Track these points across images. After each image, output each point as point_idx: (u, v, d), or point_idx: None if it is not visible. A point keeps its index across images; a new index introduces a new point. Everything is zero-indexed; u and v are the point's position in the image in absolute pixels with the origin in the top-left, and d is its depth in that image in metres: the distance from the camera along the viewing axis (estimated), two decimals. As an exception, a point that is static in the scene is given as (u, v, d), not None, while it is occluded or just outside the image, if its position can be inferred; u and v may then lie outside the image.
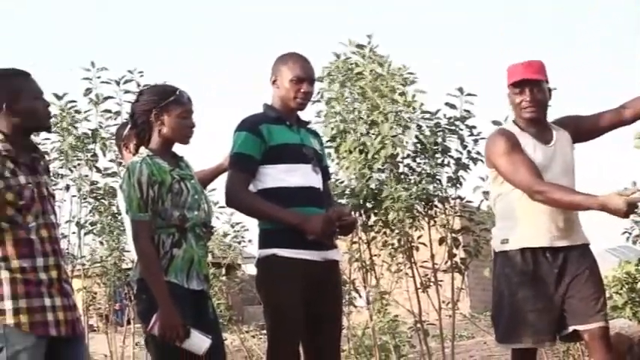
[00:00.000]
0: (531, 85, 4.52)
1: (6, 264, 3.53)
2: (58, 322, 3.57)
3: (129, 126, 4.40)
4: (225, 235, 9.29)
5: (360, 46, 6.90)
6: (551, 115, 4.74)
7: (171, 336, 3.83)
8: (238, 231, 9.33)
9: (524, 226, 4.50)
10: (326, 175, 4.63)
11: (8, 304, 3.49)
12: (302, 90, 4.43)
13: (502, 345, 4.68)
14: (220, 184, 4.66)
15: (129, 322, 8.84)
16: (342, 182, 6.89)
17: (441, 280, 6.98)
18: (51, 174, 4.18)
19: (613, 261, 13.43)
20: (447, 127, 6.80)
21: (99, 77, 7.74)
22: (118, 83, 7.70)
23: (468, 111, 6.78)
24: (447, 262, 6.86)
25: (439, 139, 6.79)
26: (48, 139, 7.74)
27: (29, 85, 3.69)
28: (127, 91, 7.66)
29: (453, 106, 6.78)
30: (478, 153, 6.78)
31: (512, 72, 4.57)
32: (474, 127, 6.79)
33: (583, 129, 4.69)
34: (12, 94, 3.62)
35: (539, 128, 4.59)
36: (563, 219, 4.49)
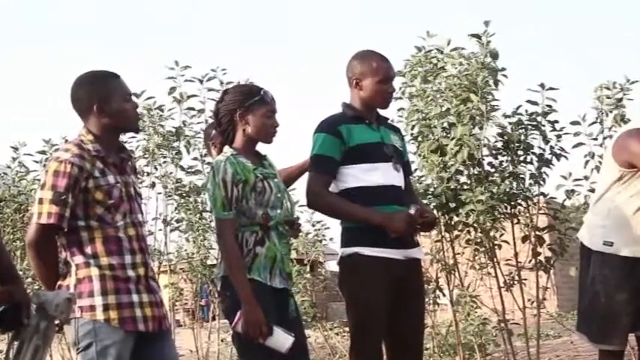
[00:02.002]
0: None
1: (95, 261, 3.62)
2: (145, 318, 3.65)
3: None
4: (307, 234, 9.34)
5: (476, 36, 6.73)
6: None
7: (254, 333, 3.88)
8: (319, 229, 9.38)
9: (634, 232, 4.43)
10: (407, 171, 4.62)
11: (98, 300, 3.58)
12: (389, 90, 4.45)
13: (594, 344, 4.63)
14: (300, 183, 4.71)
15: (214, 318, 8.96)
16: (425, 180, 6.86)
17: (525, 279, 6.90)
18: (138, 173, 4.27)
19: None
20: (528, 123, 6.72)
21: (182, 75, 7.85)
22: (201, 81, 7.79)
23: (549, 106, 6.69)
24: (530, 261, 6.78)
25: (521, 136, 6.71)
26: (134, 137, 7.86)
27: (119, 86, 3.78)
28: (210, 89, 7.75)
29: (534, 103, 6.70)
30: (561, 149, 6.69)
31: None
32: (556, 121, 6.71)
33: None
34: (102, 96, 3.71)
35: None
36: None
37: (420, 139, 6.76)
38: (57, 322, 3.39)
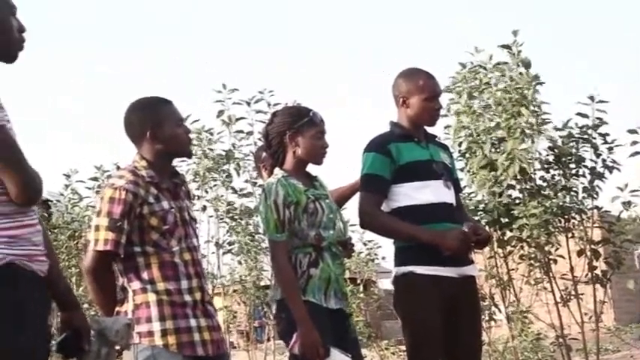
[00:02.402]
0: None
1: (152, 286, 3.64)
2: (204, 342, 3.66)
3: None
4: (359, 253, 9.33)
5: (506, 46, 6.73)
6: None
7: (311, 355, 3.88)
8: (371, 248, 9.37)
9: None
10: (457, 188, 4.61)
11: (156, 326, 3.60)
12: (436, 107, 4.45)
13: None
14: (351, 203, 4.71)
15: (269, 340, 8.97)
16: (475, 196, 6.83)
17: (582, 293, 6.83)
18: (191, 198, 4.30)
19: None
20: (579, 136, 6.67)
21: (230, 99, 7.90)
22: (249, 104, 7.84)
23: (600, 119, 6.64)
24: (587, 275, 6.71)
25: (572, 150, 6.65)
26: (184, 161, 7.93)
27: (171, 112, 3.81)
28: (258, 111, 7.80)
29: (584, 115, 6.65)
30: (613, 161, 6.62)
31: None
32: (607, 134, 6.65)
33: None
34: (155, 122, 3.74)
35: None
36: None
37: (468, 155, 6.73)
38: (117, 347, 3.41)
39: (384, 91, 4.72)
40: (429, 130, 4.56)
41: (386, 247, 9.74)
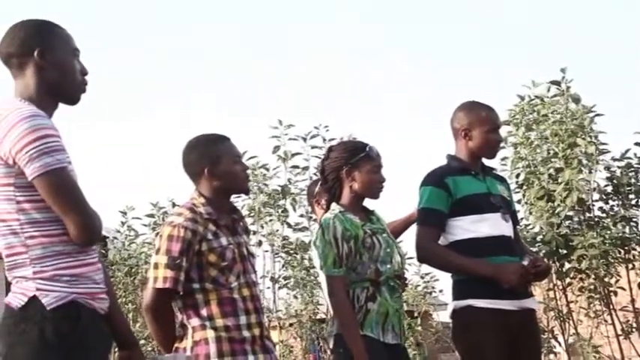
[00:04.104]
0: None
1: (211, 323, 3.66)
2: (262, 378, 3.67)
3: (320, 183, 4.49)
4: (417, 286, 9.30)
5: (556, 82, 6.74)
6: None
7: (369, 390, 3.86)
8: (428, 282, 9.33)
9: None
10: (515, 221, 4.57)
11: (215, 362, 3.61)
12: (498, 139, 4.44)
13: None
14: (408, 236, 4.69)
15: (324, 374, 8.94)
16: (532, 228, 6.78)
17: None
18: (249, 233, 4.32)
19: None
20: (638, 166, 6.60)
21: (286, 134, 7.95)
22: (304, 139, 7.88)
23: (657, 147, 6.57)
24: (648, 307, 6.61)
25: (632, 180, 6.58)
26: (239, 196, 7.97)
27: (229, 149, 3.85)
28: (313, 147, 7.84)
29: (643, 145, 6.59)
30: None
31: None
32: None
33: None
34: (213, 159, 3.78)
35: None
36: None
37: (525, 186, 6.70)
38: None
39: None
40: (487, 162, 4.54)
41: (443, 280, 9.70)
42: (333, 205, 4.19)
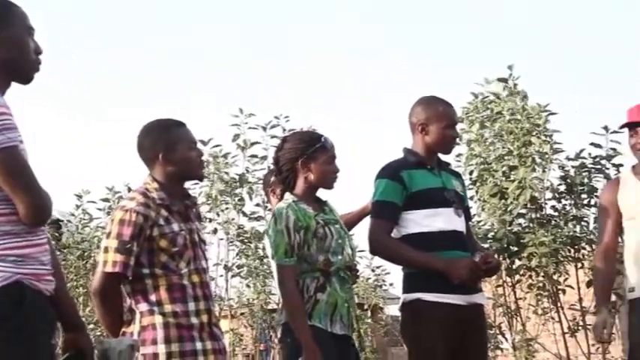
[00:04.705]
0: None
1: (159, 308, 3.65)
2: (208, 366, 3.67)
3: (274, 173, 4.49)
4: (368, 279, 9.34)
5: (503, 80, 6.81)
6: None
7: (316, 380, 3.87)
8: (379, 274, 9.37)
9: None
10: (468, 216, 4.61)
11: (162, 348, 3.60)
12: (454, 135, 4.47)
13: None
14: (360, 229, 4.71)
15: (274, 364, 8.96)
16: (484, 224, 6.84)
17: (590, 324, 6.80)
18: (202, 220, 4.31)
19: None
20: (592, 166, 6.67)
21: (246, 123, 7.95)
22: (264, 129, 7.88)
23: (614, 149, 6.64)
24: (595, 306, 6.68)
25: (585, 180, 6.66)
26: (196, 183, 7.94)
27: (185, 134, 3.84)
28: (273, 136, 7.84)
29: (598, 146, 6.65)
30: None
31: (627, 114, 4.51)
32: (621, 165, 6.65)
33: None
34: (168, 144, 3.77)
35: None
36: None
37: (479, 183, 6.75)
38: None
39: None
40: (442, 157, 4.57)
41: (394, 274, 9.76)
42: (287, 195, 4.19)
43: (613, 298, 6.70)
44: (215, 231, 8.30)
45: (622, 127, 4.67)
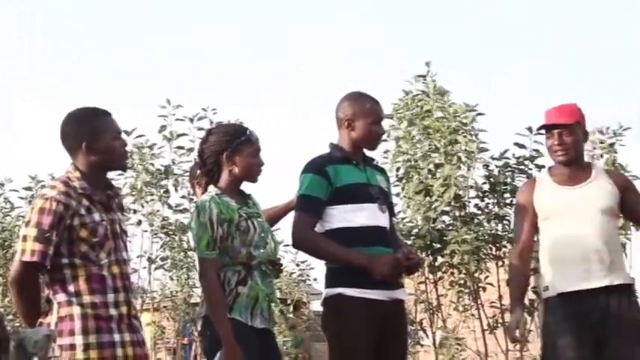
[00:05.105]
0: (560, 129, 4.52)
1: (78, 299, 3.61)
2: (126, 358, 3.63)
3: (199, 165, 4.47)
4: (291, 273, 9.36)
5: (421, 77, 6.89)
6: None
7: (235, 373, 3.86)
8: (304, 269, 9.40)
9: (557, 271, 4.46)
10: (392, 212, 4.64)
11: (79, 340, 3.56)
12: (380, 132, 4.49)
13: None
14: (285, 223, 4.72)
15: (196, 358, 8.93)
16: (408, 221, 6.89)
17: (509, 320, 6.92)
18: (124, 210, 4.26)
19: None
20: (515, 166, 6.77)
21: (174, 114, 7.89)
22: (191, 120, 7.83)
23: (537, 150, 6.75)
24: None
25: (508, 179, 6.76)
26: (121, 174, 7.88)
27: (109, 124, 3.79)
28: (200, 129, 7.79)
29: (522, 146, 6.76)
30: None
31: (545, 116, 4.60)
32: (544, 166, 6.76)
33: (625, 202, 4.60)
34: (92, 133, 3.72)
35: (573, 169, 4.57)
36: (597, 259, 4.42)
37: (405, 180, 6.80)
38: (35, 359, 3.37)
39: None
40: (368, 153, 4.59)
41: (318, 269, 9.79)
42: (210, 188, 4.18)
43: (533, 296, 6.83)
44: (139, 222, 8.24)
45: (539, 129, 4.74)
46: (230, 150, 4.14)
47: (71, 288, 3.61)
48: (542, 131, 4.71)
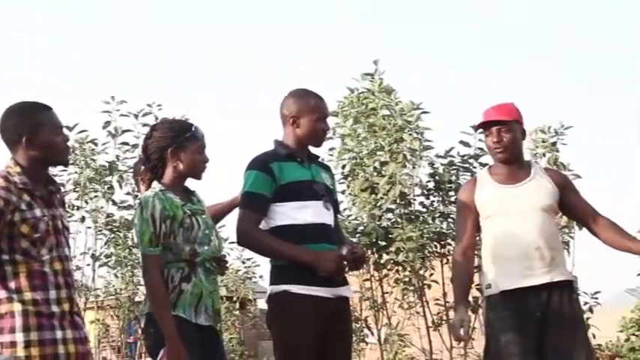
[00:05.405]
0: (499, 126, 4.56)
1: (19, 296, 3.56)
2: (68, 355, 3.59)
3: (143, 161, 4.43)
4: (237, 271, 9.34)
5: (369, 74, 6.91)
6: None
7: (178, 371, 3.84)
8: (249, 267, 9.38)
9: (499, 269, 4.50)
10: (336, 210, 4.65)
11: (20, 337, 3.51)
12: (325, 129, 4.49)
13: None
14: (230, 220, 4.70)
15: (141, 356, 8.86)
16: (354, 219, 6.91)
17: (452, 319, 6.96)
18: (66, 206, 4.22)
19: (632, 302, 13.33)
20: (460, 164, 6.82)
21: (118, 110, 7.83)
22: (136, 116, 7.78)
23: (481, 149, 6.80)
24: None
25: (453, 177, 6.81)
26: (64, 170, 7.81)
27: (50, 118, 3.74)
28: (145, 125, 7.74)
29: (467, 144, 6.81)
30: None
31: (483, 114, 4.64)
32: (488, 164, 6.81)
33: (564, 201, 4.67)
34: (32, 128, 3.67)
35: (512, 168, 4.62)
36: (538, 256, 4.47)
37: (350, 177, 6.82)
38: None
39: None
40: (313, 150, 4.59)
41: (264, 266, 9.78)
42: (154, 184, 4.14)
43: (476, 294, 6.89)
44: (83, 219, 8.16)
45: (478, 126, 4.78)
46: (175, 146, 4.11)
47: (12, 284, 3.56)
48: (482, 130, 4.75)
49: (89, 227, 8.21)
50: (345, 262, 4.32)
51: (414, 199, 6.86)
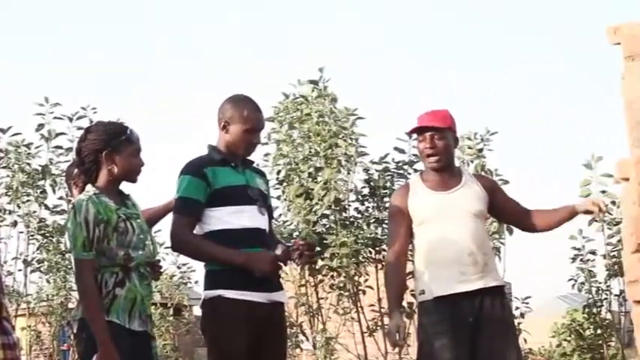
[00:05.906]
0: (432, 132, 4.60)
1: (-54, 301, 3.50)
2: (-3, 361, 3.54)
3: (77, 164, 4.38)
4: (172, 276, 9.28)
5: (314, 82, 6.93)
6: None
7: (110, 378, 3.80)
8: (185, 272, 9.32)
9: (432, 275, 4.54)
10: (271, 215, 4.64)
11: (-54, 342, 3.46)
12: (254, 141, 4.47)
13: None
14: (166, 225, 4.67)
15: (73, 362, 8.75)
16: (289, 224, 6.92)
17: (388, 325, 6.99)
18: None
19: (564, 308, 13.56)
20: (395, 171, 6.87)
21: (52, 113, 7.74)
22: (70, 119, 7.69)
23: (416, 155, 6.86)
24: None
25: (387, 183, 6.85)
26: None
27: None
28: (79, 128, 7.66)
29: (401, 151, 6.86)
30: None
31: (417, 120, 4.67)
32: (423, 170, 6.86)
33: (494, 203, 4.72)
34: None
35: (444, 175, 4.66)
36: (472, 262, 4.52)
37: (285, 183, 6.83)
38: None
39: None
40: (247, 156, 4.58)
41: (200, 272, 9.73)
42: (88, 187, 4.09)
43: (411, 299, 6.93)
44: (15, 224, 8.04)
45: (412, 131, 4.79)
46: (110, 149, 4.06)
47: None
48: (415, 135, 4.78)
49: (21, 232, 8.09)
50: (280, 263, 4.33)
51: (349, 205, 6.89)
